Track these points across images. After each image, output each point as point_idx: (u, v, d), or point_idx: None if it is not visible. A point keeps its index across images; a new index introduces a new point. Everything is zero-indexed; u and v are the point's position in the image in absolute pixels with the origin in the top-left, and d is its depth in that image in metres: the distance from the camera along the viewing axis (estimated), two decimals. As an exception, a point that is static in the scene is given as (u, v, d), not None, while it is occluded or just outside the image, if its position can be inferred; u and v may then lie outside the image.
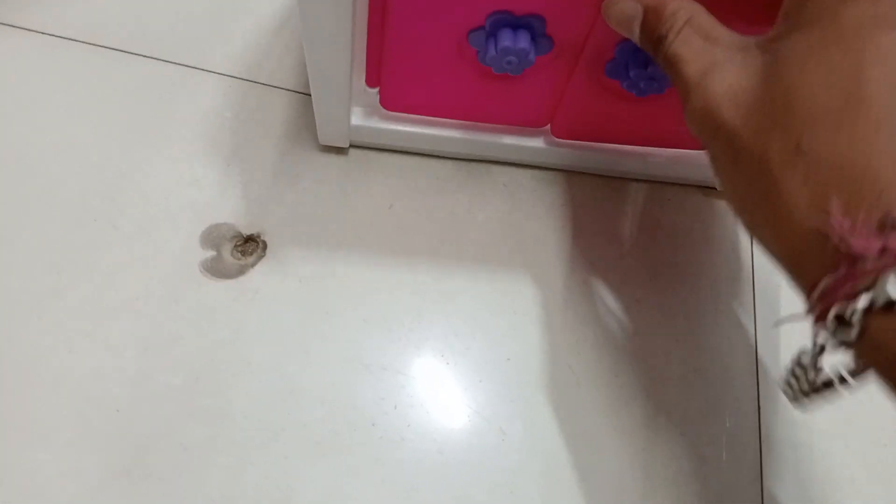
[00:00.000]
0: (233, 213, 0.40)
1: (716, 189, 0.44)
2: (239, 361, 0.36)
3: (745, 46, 0.25)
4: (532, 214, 0.42)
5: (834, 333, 0.22)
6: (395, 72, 0.36)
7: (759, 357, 0.40)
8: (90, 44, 0.45)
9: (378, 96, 0.38)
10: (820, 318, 0.23)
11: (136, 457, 0.33)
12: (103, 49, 0.45)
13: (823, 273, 0.22)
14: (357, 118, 0.40)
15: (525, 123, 0.41)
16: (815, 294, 0.22)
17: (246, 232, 0.39)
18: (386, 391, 0.36)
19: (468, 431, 0.36)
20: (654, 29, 0.27)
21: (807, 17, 0.24)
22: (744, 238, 0.44)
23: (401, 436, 0.35)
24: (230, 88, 0.44)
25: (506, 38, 0.32)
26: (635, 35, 0.28)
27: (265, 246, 0.39)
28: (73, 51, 0.45)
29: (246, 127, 0.43)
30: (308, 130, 0.43)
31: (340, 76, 0.35)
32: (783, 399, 0.39)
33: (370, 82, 0.38)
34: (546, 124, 0.40)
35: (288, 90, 0.45)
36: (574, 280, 0.41)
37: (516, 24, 0.32)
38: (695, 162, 0.42)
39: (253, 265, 0.38)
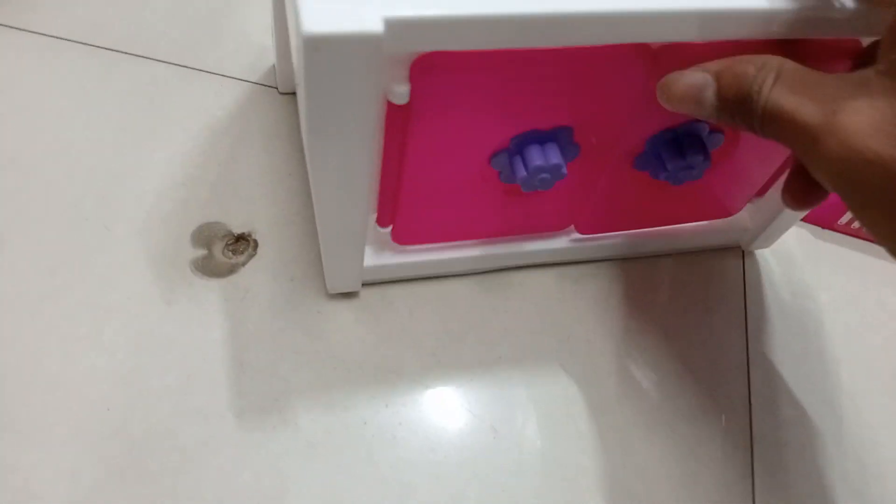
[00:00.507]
0: (224, 212, 0.40)
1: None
2: (230, 361, 0.36)
3: (863, 79, 0.23)
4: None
5: None
6: (410, 208, 0.34)
7: (749, 356, 0.40)
8: (86, 44, 0.45)
9: (389, 234, 0.36)
10: None
11: (130, 457, 0.33)
12: (99, 49, 0.45)
13: None
14: (368, 258, 0.37)
15: (550, 230, 0.39)
16: None
17: (237, 231, 0.39)
18: (378, 390, 0.36)
19: (461, 430, 0.36)
20: (737, 91, 0.25)
21: None
22: (738, 282, 0.43)
23: (393, 434, 0.35)
24: (223, 88, 0.44)
25: (536, 157, 0.30)
26: (707, 106, 0.25)
27: (256, 245, 0.39)
28: (69, 51, 0.45)
29: (239, 126, 0.43)
30: (300, 129, 0.43)
31: (356, 231, 0.32)
32: (773, 397, 0.39)
33: (382, 223, 0.35)
34: (570, 225, 0.39)
35: (278, 89, 0.45)
36: (566, 283, 0.41)
37: (543, 138, 0.31)
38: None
39: (244, 264, 0.39)
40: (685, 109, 0.26)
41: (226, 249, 0.39)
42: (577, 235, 0.39)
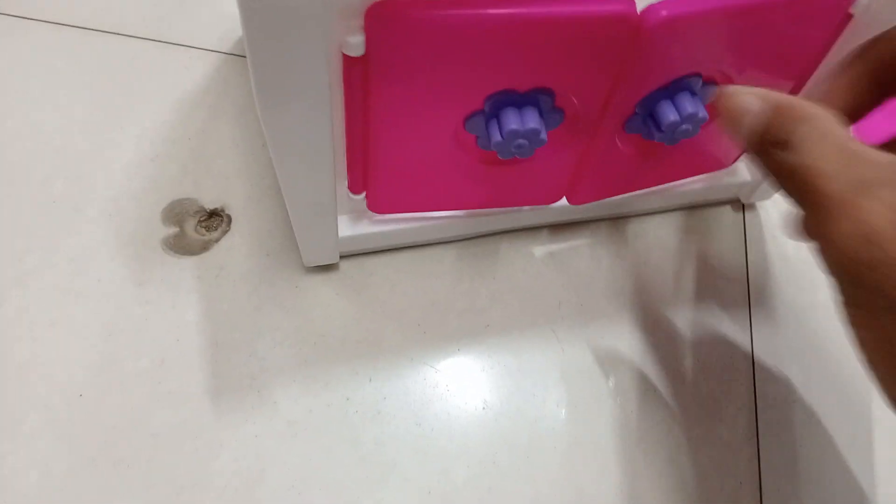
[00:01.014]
0: (196, 187, 0.38)
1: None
2: (205, 342, 0.34)
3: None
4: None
5: None
6: (382, 174, 0.31)
7: (751, 311, 0.38)
8: (54, 23, 0.44)
9: (364, 202, 0.33)
10: None
11: (104, 444, 0.32)
12: (67, 28, 0.44)
13: None
14: (343, 228, 0.35)
15: (538, 202, 0.36)
16: None
17: (210, 207, 0.38)
18: (360, 364, 0.35)
19: (447, 403, 0.34)
20: (778, 130, 0.23)
21: None
22: (737, 240, 0.41)
23: (377, 409, 0.34)
24: (194, 60, 0.43)
25: (511, 120, 0.28)
26: (745, 131, 0.23)
27: (230, 220, 0.38)
28: (37, 31, 0.43)
29: (210, 99, 0.42)
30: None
31: (324, 198, 0.30)
32: (778, 396, 0.37)
33: (354, 189, 0.33)
34: (561, 197, 0.36)
35: (253, 58, 0.43)
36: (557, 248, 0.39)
37: (520, 101, 0.28)
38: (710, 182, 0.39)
39: (217, 240, 0.37)
40: (727, 126, 0.24)
41: (198, 226, 0.37)
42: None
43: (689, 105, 0.30)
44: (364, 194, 0.33)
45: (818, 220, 0.21)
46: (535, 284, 0.37)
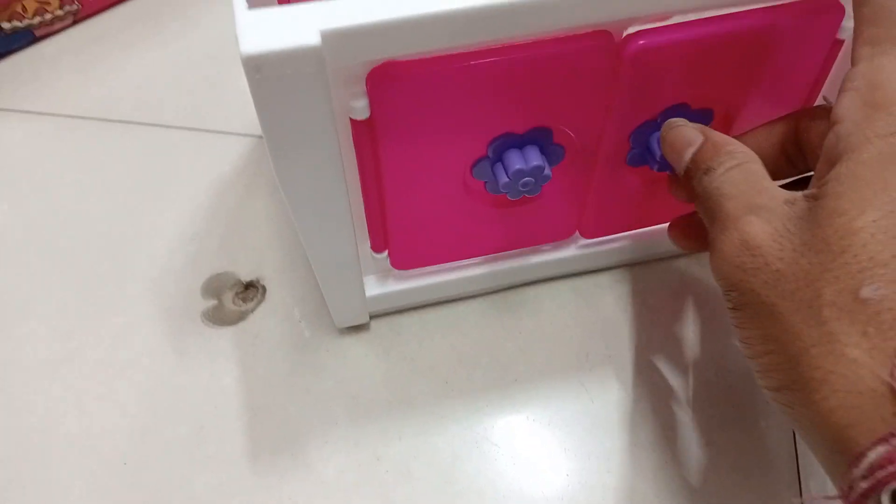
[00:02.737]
0: (233, 261, 0.40)
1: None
2: (241, 407, 0.36)
3: (794, 198, 0.24)
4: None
5: None
6: (401, 231, 0.33)
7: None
8: (98, 119, 0.47)
9: (388, 260, 0.35)
10: (867, 496, 0.19)
11: (147, 511, 0.33)
12: (110, 123, 0.47)
13: (876, 441, 0.19)
14: (371, 287, 0.36)
15: (552, 239, 0.37)
16: (864, 465, 0.19)
17: (246, 279, 0.40)
18: (389, 423, 0.35)
19: (477, 458, 0.34)
20: (707, 159, 0.26)
21: (843, 150, 0.22)
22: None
23: (408, 468, 0.34)
24: (229, 145, 0.46)
25: (515, 161, 0.29)
26: (684, 161, 0.27)
27: (265, 291, 0.39)
28: (83, 127, 0.47)
29: (245, 178, 0.44)
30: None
31: (347, 257, 0.32)
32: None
33: (376, 248, 0.34)
34: (574, 232, 0.37)
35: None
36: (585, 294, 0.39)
37: (521, 142, 0.30)
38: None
39: (253, 310, 0.39)
40: (668, 155, 0.28)
41: (235, 298, 0.39)
42: (585, 241, 0.38)
43: None
44: (386, 253, 0.34)
45: (714, 233, 0.25)
46: (561, 336, 0.38)
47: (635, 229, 0.38)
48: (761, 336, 0.23)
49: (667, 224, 0.35)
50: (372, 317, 0.38)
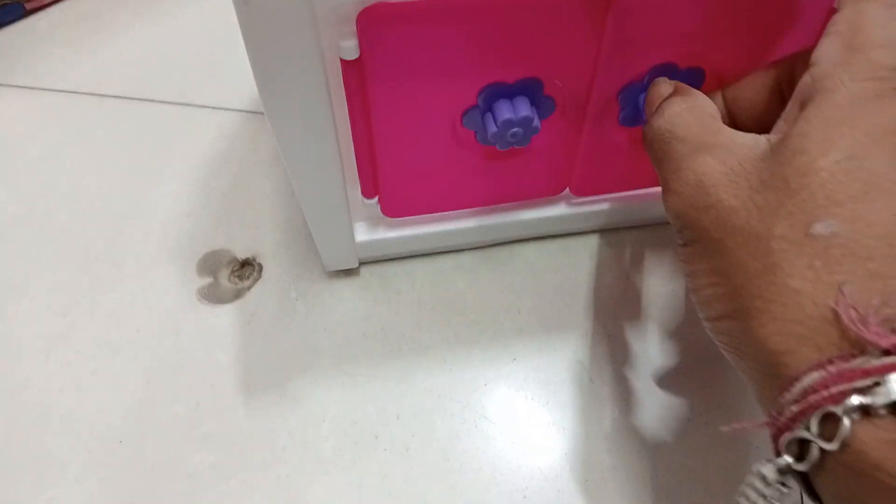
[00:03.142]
0: (229, 239, 0.40)
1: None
2: (238, 385, 0.36)
3: (755, 140, 0.24)
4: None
5: (806, 442, 0.19)
6: (391, 176, 0.33)
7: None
8: (94, 94, 0.47)
9: (378, 206, 0.35)
10: (796, 420, 0.20)
11: (143, 487, 0.33)
12: (106, 98, 0.47)
13: (811, 367, 0.20)
14: (361, 233, 0.36)
15: (542, 194, 0.37)
16: (796, 389, 0.20)
17: (242, 256, 0.39)
18: (388, 402, 0.35)
19: (475, 437, 0.34)
20: (663, 104, 0.27)
21: (816, 91, 0.22)
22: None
23: (405, 446, 0.34)
24: (225, 121, 0.45)
25: (504, 110, 0.29)
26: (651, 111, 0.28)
27: (261, 268, 0.39)
28: (79, 104, 0.46)
29: (240, 155, 0.44)
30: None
31: (336, 199, 0.32)
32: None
33: (367, 193, 0.34)
34: (565, 188, 0.37)
35: (280, 116, 0.45)
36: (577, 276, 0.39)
37: (511, 92, 0.30)
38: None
39: (249, 288, 0.38)
40: (645, 110, 0.29)
41: (231, 276, 0.39)
42: (575, 200, 0.38)
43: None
44: (377, 199, 0.34)
45: (667, 174, 0.25)
46: (551, 295, 0.38)
47: (626, 190, 0.38)
48: (707, 270, 0.23)
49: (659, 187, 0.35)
50: (362, 263, 0.38)
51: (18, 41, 0.50)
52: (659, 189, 0.37)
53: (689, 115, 0.25)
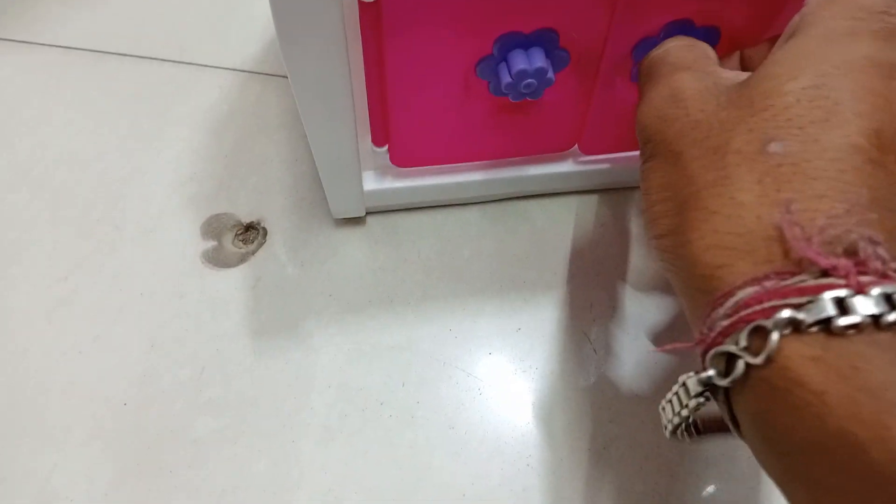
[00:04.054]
0: (232, 203, 0.40)
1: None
2: (243, 350, 0.35)
3: (738, 73, 0.24)
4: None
5: (736, 352, 0.19)
6: (402, 125, 0.33)
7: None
8: (92, 51, 0.46)
9: (388, 155, 0.35)
10: (725, 334, 0.20)
11: (148, 453, 0.33)
12: (105, 55, 0.46)
13: (746, 282, 0.20)
14: (369, 182, 0.36)
15: (551, 149, 0.37)
16: (728, 304, 0.20)
17: (246, 220, 0.39)
18: (393, 369, 0.35)
19: (480, 405, 0.34)
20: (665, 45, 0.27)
21: (798, 28, 0.23)
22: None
23: (411, 414, 0.34)
24: (226, 81, 0.44)
25: (519, 61, 0.29)
26: None
27: (266, 233, 0.39)
28: (76, 60, 0.45)
29: (243, 118, 0.43)
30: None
31: (347, 144, 0.32)
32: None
33: (377, 142, 0.34)
34: (573, 145, 0.37)
35: (282, 77, 0.44)
36: (591, 253, 0.39)
37: (527, 43, 0.29)
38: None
39: (254, 252, 0.38)
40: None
41: (235, 239, 0.38)
42: (584, 158, 0.37)
43: None
44: (387, 148, 0.34)
45: (646, 89, 0.26)
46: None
47: (635, 150, 0.37)
48: (660, 184, 0.24)
49: None
50: (368, 213, 0.38)
51: (12, -5, 0.48)
52: None
53: (685, 49, 0.26)
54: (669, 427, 0.23)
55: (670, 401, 0.23)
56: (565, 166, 0.38)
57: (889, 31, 0.22)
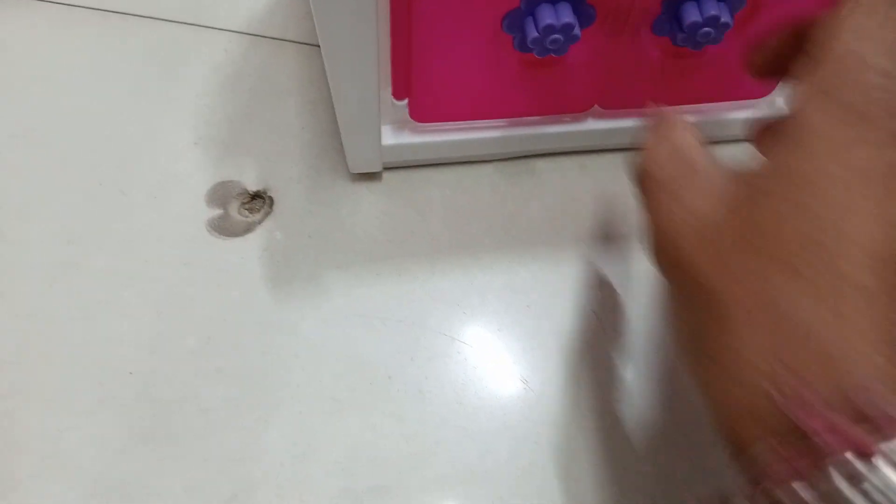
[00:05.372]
0: (239, 170, 0.39)
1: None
2: (251, 321, 0.35)
3: (729, 175, 0.23)
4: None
5: None
6: (425, 78, 0.33)
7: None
8: (97, 9, 0.45)
9: (407, 109, 0.35)
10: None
11: (156, 421, 0.33)
12: (110, 14, 0.44)
13: (759, 438, 0.20)
14: (387, 137, 0.36)
15: (573, 109, 0.37)
16: (747, 455, 0.20)
17: (252, 189, 0.39)
18: (402, 344, 0.35)
19: (488, 382, 0.35)
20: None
21: (784, 145, 0.21)
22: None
23: (419, 388, 0.34)
24: (232, 44, 0.43)
25: (547, 16, 0.29)
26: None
27: (272, 202, 0.38)
28: (81, 18, 0.44)
29: (250, 82, 0.42)
30: (314, 83, 0.42)
31: (369, 95, 0.32)
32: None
33: (398, 94, 0.34)
34: (593, 105, 0.37)
35: (292, 41, 0.44)
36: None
37: None
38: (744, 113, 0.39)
39: (260, 222, 0.38)
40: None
41: (241, 208, 0.38)
42: (601, 114, 0.38)
43: (712, 8, 0.30)
44: (407, 101, 0.34)
45: (647, 218, 0.25)
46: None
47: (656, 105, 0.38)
48: (675, 308, 0.24)
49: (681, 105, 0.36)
50: (385, 168, 0.39)
51: (11, -54, 0.47)
52: (683, 107, 0.37)
53: (667, 159, 0.25)
54: None
55: None
56: (583, 125, 0.38)
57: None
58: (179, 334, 0.35)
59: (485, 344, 0.35)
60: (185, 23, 0.44)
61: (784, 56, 0.25)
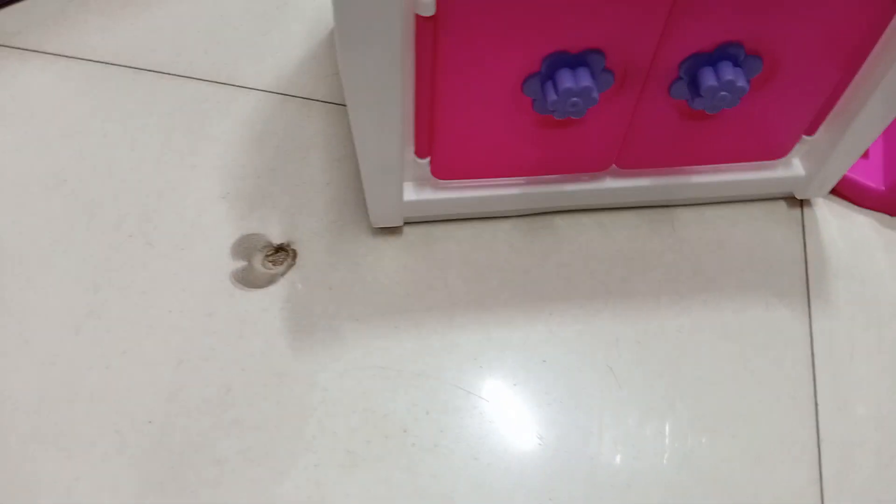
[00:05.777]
0: (263, 223, 0.40)
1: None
2: (269, 372, 0.36)
3: None
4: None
5: None
6: (447, 137, 0.34)
7: (814, 351, 0.37)
8: (130, 67, 0.46)
9: (428, 167, 0.36)
10: None
11: (171, 470, 0.33)
12: (142, 72, 0.46)
13: None
14: (409, 193, 0.37)
15: (591, 168, 0.38)
16: None
17: (276, 241, 0.39)
18: (418, 397, 0.35)
19: (504, 436, 0.34)
20: None
21: None
22: (796, 233, 0.41)
23: (434, 442, 0.34)
24: (261, 103, 0.45)
25: (566, 80, 0.30)
26: None
27: (295, 254, 0.39)
28: (115, 75, 0.46)
29: (277, 139, 0.43)
30: (339, 140, 0.43)
31: (393, 152, 0.33)
32: (844, 395, 0.36)
33: (420, 153, 0.35)
34: (611, 164, 0.37)
35: (317, 101, 0.45)
36: (614, 279, 0.39)
37: (574, 62, 0.30)
38: (753, 176, 0.40)
39: (283, 274, 0.38)
40: None
41: (265, 260, 0.39)
42: (619, 173, 0.38)
43: (729, 73, 0.31)
44: (429, 160, 0.35)
45: None
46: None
47: (669, 166, 0.38)
48: None
49: (697, 167, 0.37)
50: (406, 223, 0.39)
51: (52, 6, 0.49)
52: (699, 167, 0.38)
53: None
54: None
55: None
56: (601, 184, 0.39)
57: None
58: (198, 384, 0.35)
59: (501, 398, 0.35)
60: (215, 81, 0.46)
61: None
